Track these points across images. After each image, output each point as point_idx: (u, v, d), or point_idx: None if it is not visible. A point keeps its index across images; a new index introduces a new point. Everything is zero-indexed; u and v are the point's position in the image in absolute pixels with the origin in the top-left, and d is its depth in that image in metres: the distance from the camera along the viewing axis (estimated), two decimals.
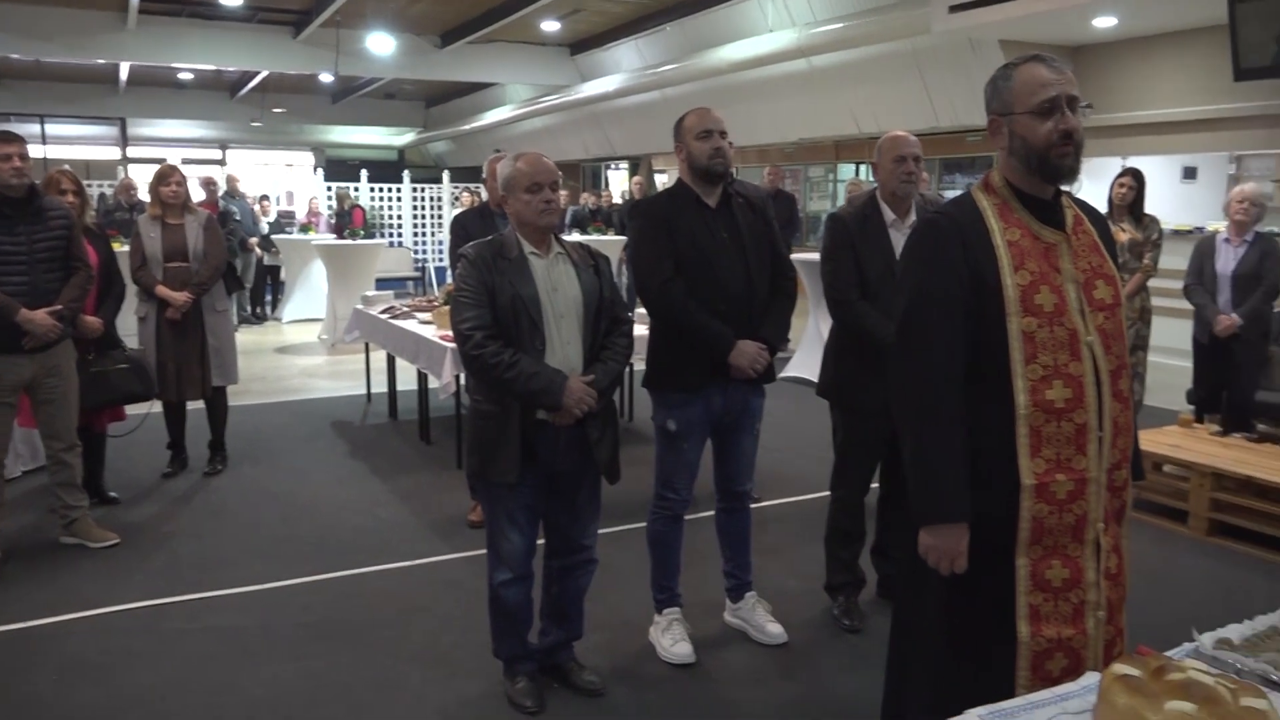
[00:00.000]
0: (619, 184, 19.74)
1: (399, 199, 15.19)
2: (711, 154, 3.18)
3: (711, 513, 3.63)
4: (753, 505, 4.91)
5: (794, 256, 7.78)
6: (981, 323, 1.90)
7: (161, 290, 5.12)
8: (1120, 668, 1.59)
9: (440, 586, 4.02)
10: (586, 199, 14.07)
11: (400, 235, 15.04)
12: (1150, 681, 1.54)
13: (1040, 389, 1.87)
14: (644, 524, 3.48)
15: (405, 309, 6.52)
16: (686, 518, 3.46)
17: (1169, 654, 1.78)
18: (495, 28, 13.26)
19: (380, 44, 13.84)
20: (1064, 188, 2.01)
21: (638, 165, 18.83)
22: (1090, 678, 1.65)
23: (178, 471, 5.54)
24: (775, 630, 3.49)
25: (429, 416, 6.31)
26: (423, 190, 15.52)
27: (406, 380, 6.79)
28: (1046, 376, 1.88)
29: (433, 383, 5.51)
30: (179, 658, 3.38)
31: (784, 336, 3.48)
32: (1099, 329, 1.92)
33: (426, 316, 6.06)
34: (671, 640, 3.36)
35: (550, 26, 13.80)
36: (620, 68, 14.86)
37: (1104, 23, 8.24)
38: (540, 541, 3.07)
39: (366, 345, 7.29)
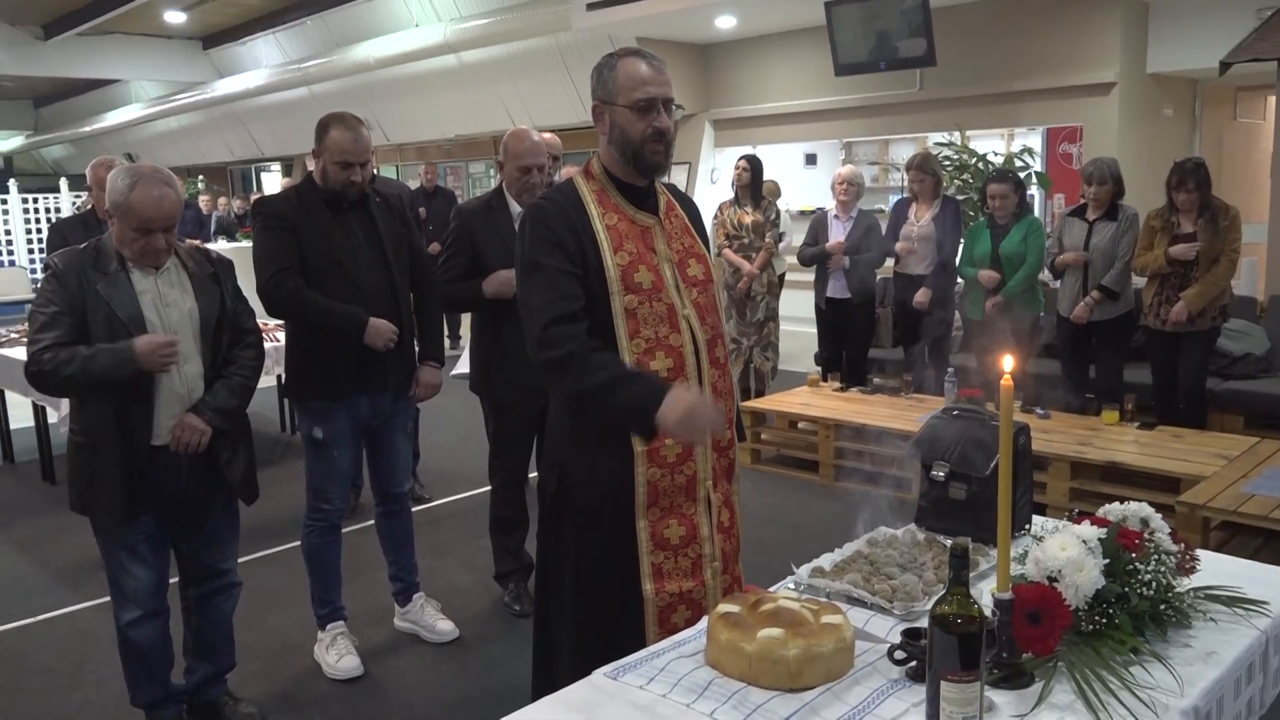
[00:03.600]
0: (274, 186, 18.63)
1: (6, 212, 13.33)
2: (346, 183, 3.06)
3: (372, 521, 3.53)
4: (424, 504, 4.82)
5: None
6: (590, 302, 1.99)
7: None
8: (723, 607, 1.73)
9: (69, 641, 3.59)
10: (227, 204, 13.13)
11: (12, 252, 13.22)
12: (747, 615, 1.70)
13: (645, 360, 2.00)
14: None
15: (12, 336, 5.74)
16: (349, 527, 3.34)
17: (773, 588, 1.98)
18: (110, 17, 12.01)
19: None
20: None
21: (291, 166, 17.87)
22: (704, 622, 1.79)
23: None
24: (446, 628, 3.47)
25: (50, 453, 5.59)
26: (36, 201, 13.72)
27: (21, 416, 5.98)
28: (650, 348, 2.01)
29: (51, 416, 4.90)
30: None
31: (443, 343, 3.49)
32: (694, 303, 2.08)
33: None
34: (336, 655, 3.23)
35: (175, 18, 12.71)
36: (260, 63, 14.01)
37: (725, 23, 8.95)
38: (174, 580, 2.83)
39: None
